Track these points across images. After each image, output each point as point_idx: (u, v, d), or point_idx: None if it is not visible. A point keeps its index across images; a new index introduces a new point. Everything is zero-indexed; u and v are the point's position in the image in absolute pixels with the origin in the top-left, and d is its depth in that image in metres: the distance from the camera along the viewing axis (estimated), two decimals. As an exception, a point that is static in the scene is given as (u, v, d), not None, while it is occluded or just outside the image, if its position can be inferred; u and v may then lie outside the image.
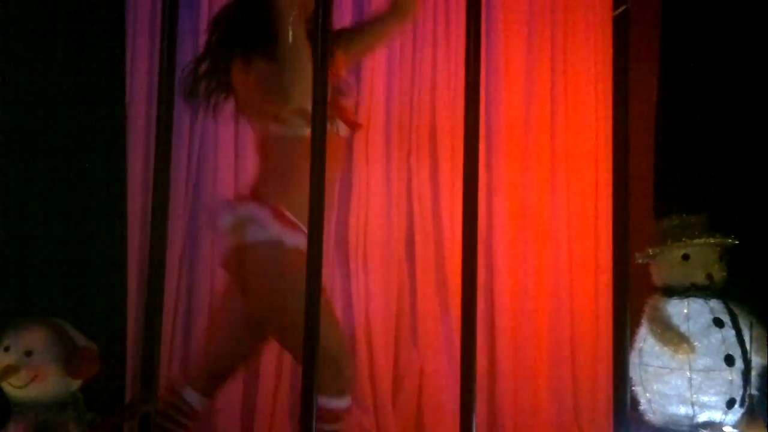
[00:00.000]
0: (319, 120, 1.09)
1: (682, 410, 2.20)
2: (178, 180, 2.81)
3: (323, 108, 1.09)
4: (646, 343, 2.26)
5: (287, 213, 1.75)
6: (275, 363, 2.86)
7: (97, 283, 2.51)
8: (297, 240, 1.71)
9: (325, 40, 1.06)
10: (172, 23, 1.10)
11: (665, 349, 2.18)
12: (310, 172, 1.11)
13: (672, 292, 2.28)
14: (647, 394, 2.26)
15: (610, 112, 3.06)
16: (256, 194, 1.84)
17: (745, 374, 2.16)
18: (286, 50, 1.70)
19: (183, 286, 2.89)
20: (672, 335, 2.16)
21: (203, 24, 2.81)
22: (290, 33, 1.69)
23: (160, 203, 1.14)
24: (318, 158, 1.09)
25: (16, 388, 1.54)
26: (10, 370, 1.53)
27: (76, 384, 1.59)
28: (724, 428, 2.20)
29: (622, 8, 1.05)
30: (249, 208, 1.79)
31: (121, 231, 2.63)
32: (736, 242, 2.29)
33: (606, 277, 3.05)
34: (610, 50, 3.43)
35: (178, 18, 1.11)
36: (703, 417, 2.19)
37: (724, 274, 2.31)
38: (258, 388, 2.80)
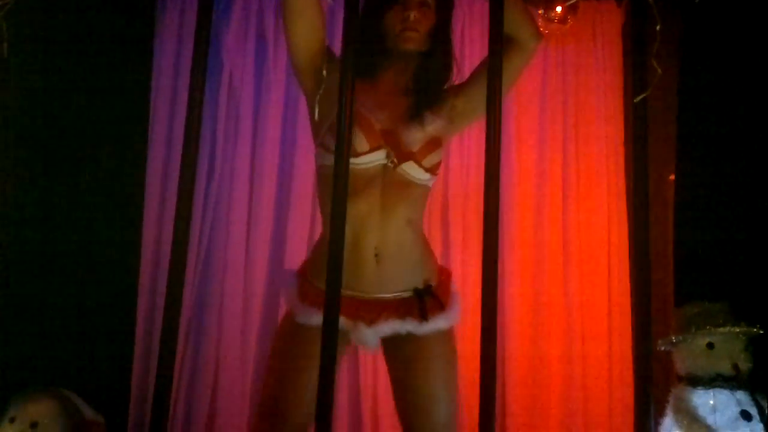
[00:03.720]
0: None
1: (710, 508, 2.08)
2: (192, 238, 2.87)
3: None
4: (671, 436, 2.18)
5: (318, 285, 1.66)
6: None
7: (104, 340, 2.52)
8: (309, 318, 1.66)
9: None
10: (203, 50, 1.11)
11: (692, 442, 2.09)
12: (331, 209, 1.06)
13: (697, 381, 2.20)
14: (672, 490, 2.15)
15: (622, 202, 3.10)
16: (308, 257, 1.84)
17: (775, 472, 2.06)
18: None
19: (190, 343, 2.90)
20: (699, 428, 2.08)
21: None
22: None
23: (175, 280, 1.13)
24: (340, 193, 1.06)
25: (19, 461, 1.50)
26: (15, 443, 1.49)
27: (80, 459, 1.55)
28: None
29: (642, 95, 1.06)
30: (288, 275, 1.80)
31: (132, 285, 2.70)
32: (762, 331, 2.23)
33: (619, 368, 2.96)
34: (622, 134, 3.42)
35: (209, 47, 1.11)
36: None
37: (750, 364, 2.24)
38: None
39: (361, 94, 1.66)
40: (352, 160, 1.58)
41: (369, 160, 1.64)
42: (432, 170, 1.73)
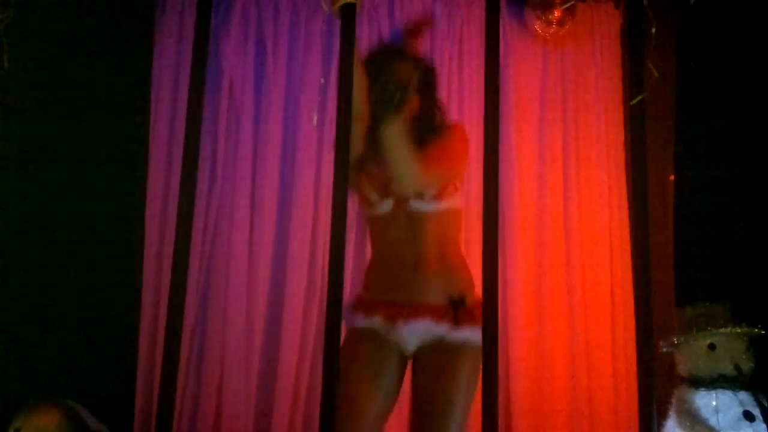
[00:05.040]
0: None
1: None
2: (195, 235, 2.87)
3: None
4: (674, 437, 2.17)
5: (366, 295, 1.96)
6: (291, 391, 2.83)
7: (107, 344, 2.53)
8: (361, 321, 1.90)
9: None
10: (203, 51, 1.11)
11: (695, 443, 2.09)
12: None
13: (699, 382, 2.20)
14: (677, 492, 2.15)
15: (624, 204, 3.10)
16: None
17: (779, 472, 2.05)
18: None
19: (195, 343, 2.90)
20: (702, 429, 2.08)
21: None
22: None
23: (177, 284, 1.13)
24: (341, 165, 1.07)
25: (23, 471, 1.50)
26: (19, 453, 1.49)
27: (84, 468, 1.55)
28: None
29: (639, 98, 1.07)
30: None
31: (133, 296, 2.70)
32: (763, 332, 2.23)
33: (623, 365, 2.96)
34: (622, 136, 3.43)
35: (208, 47, 1.12)
36: None
37: (752, 365, 2.24)
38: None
39: (371, 152, 1.92)
40: (372, 210, 1.91)
41: (383, 208, 1.94)
42: (437, 198, 1.93)
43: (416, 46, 2.07)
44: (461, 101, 3.13)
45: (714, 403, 2.15)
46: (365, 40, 3.07)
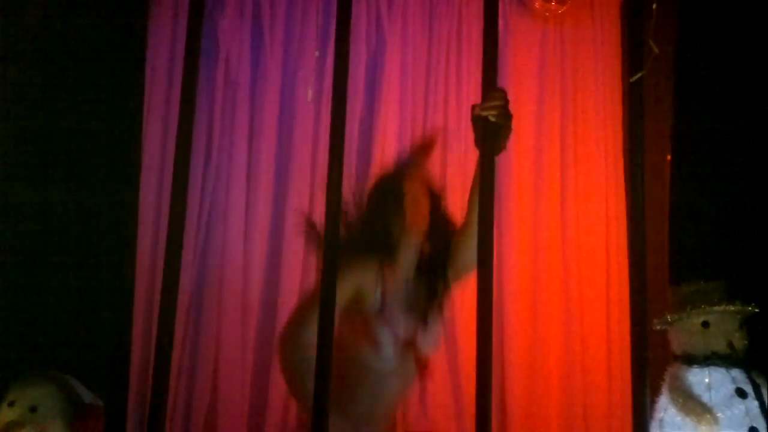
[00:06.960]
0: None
1: (705, 484, 2.11)
2: (190, 215, 2.87)
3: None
4: (666, 413, 2.19)
5: None
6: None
7: (102, 326, 2.53)
8: None
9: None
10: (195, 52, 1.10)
11: (687, 419, 2.11)
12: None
13: (692, 360, 2.22)
14: (668, 467, 2.18)
15: (620, 176, 3.10)
16: None
17: (770, 448, 2.08)
18: None
19: (189, 335, 2.91)
20: (694, 405, 2.10)
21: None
22: None
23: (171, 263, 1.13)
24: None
25: (19, 444, 1.51)
26: (14, 426, 1.50)
27: (80, 442, 1.56)
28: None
29: (638, 75, 1.06)
30: None
31: (129, 279, 2.71)
32: (757, 310, 2.24)
33: (617, 346, 2.98)
34: (620, 115, 3.45)
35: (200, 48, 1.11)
36: (726, 492, 2.10)
37: (746, 342, 2.25)
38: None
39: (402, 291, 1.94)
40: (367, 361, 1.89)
41: (388, 364, 1.92)
42: None
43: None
44: (459, 80, 3.11)
45: (707, 380, 2.17)
46: (363, 15, 3.04)
